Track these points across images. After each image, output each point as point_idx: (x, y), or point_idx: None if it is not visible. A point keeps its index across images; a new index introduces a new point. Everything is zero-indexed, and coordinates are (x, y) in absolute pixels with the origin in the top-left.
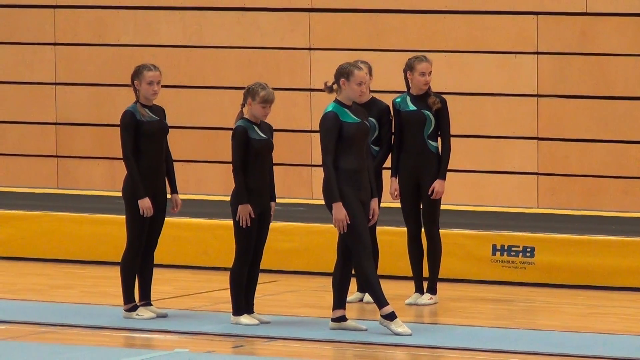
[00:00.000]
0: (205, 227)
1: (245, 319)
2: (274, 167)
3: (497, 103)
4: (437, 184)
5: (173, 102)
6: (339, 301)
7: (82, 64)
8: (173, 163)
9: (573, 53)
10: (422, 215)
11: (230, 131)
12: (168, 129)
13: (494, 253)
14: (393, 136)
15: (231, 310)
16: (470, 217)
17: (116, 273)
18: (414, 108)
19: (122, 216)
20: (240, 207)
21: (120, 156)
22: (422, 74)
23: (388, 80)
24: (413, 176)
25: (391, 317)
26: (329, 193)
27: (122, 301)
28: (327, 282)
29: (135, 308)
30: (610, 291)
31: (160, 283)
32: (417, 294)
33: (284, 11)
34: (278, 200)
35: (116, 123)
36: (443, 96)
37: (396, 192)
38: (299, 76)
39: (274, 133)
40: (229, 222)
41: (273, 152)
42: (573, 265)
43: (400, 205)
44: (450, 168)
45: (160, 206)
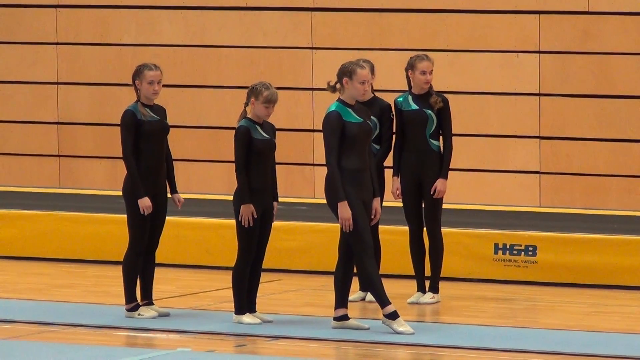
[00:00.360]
0: (207, 227)
1: (247, 318)
2: (277, 167)
3: (499, 102)
4: (439, 183)
5: (175, 102)
6: (341, 300)
7: (84, 64)
8: (173, 163)
9: (575, 52)
10: (424, 214)
11: (232, 130)
12: (169, 129)
13: (496, 252)
14: (395, 135)
15: (233, 309)
16: (472, 216)
17: (118, 272)
18: (416, 107)
19: (124, 215)
20: (242, 207)
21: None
22: (423, 73)
23: (390, 79)
24: (415, 175)
25: (393, 316)
26: (334, 192)
27: (124, 300)
28: (329, 281)
29: (137, 307)
30: (612, 290)
31: (162, 282)
32: (419, 293)
33: (286, 10)
34: (280, 199)
35: (118, 122)
36: (445, 95)
37: (398, 192)
38: (302, 75)
39: (277, 132)
40: (232, 222)
41: (275, 152)
42: (575, 263)
43: (402, 204)
44: (452, 167)
45: (161, 206)
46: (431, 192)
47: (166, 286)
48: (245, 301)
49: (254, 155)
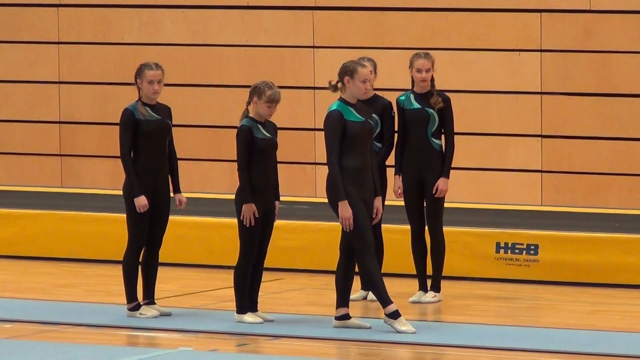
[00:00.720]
0: (209, 226)
1: (249, 317)
2: (278, 166)
3: (501, 101)
4: (441, 182)
5: (177, 101)
6: (342, 299)
7: (86, 63)
8: (177, 162)
9: (577, 50)
10: (426, 213)
11: (234, 129)
12: (170, 128)
13: (498, 251)
14: (396, 134)
15: (235, 308)
16: (473, 215)
17: (119, 271)
18: (418, 106)
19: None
20: (244, 206)
21: None
22: (419, 71)
23: (392, 78)
24: (417, 174)
25: (395, 316)
26: (335, 191)
27: (126, 300)
28: (331, 280)
29: (138, 307)
30: (614, 289)
31: (164, 281)
32: (421, 292)
33: (288, 9)
34: (282, 198)
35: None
36: (447, 94)
37: (400, 190)
38: (303, 74)
39: (278, 131)
40: (234, 221)
41: (277, 151)
42: (577, 262)
43: (404, 203)
44: (453, 166)
45: (163, 205)
46: (433, 191)
47: (168, 285)
48: (246, 300)
49: (256, 154)
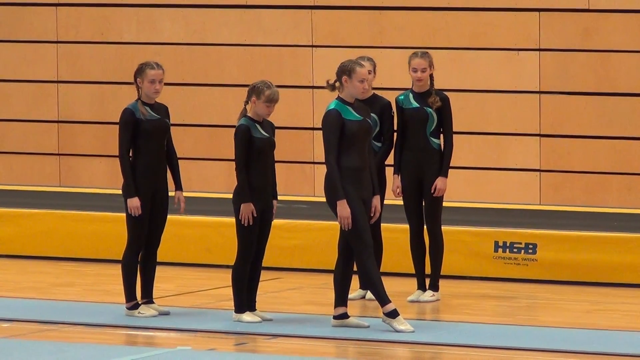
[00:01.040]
0: (207, 225)
1: (247, 317)
2: (276, 165)
3: (500, 100)
4: (440, 182)
5: (176, 100)
6: (341, 298)
7: (85, 62)
8: (178, 161)
9: (576, 50)
10: (425, 212)
11: (233, 129)
12: (169, 128)
13: (496, 250)
14: (395, 133)
15: (233, 307)
16: (472, 214)
17: (118, 271)
18: (417, 105)
19: (124, 214)
20: (242, 206)
21: None
22: (415, 70)
23: (391, 77)
24: (415, 173)
25: (393, 315)
26: (333, 191)
27: (124, 299)
28: (329, 280)
29: (137, 306)
30: (613, 287)
31: (162, 281)
32: (420, 291)
33: (287, 8)
34: (280, 197)
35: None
36: (445, 93)
37: (398, 190)
38: (302, 74)
39: (277, 130)
40: (232, 220)
41: (275, 150)
42: (576, 261)
43: (402, 202)
44: (452, 165)
45: (161, 204)
46: (432, 190)
47: (166, 284)
48: (245, 299)
49: (254, 153)
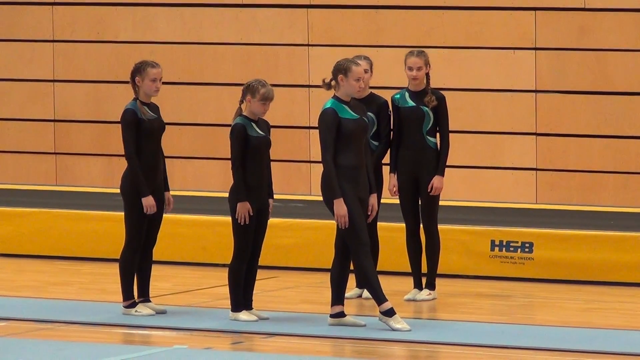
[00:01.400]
0: (204, 224)
1: (243, 315)
2: (273, 164)
3: (496, 99)
4: (436, 180)
5: (172, 99)
6: (337, 297)
7: (81, 61)
8: (165, 161)
9: (571, 49)
10: (421, 211)
11: (229, 127)
12: (165, 127)
13: (493, 248)
14: (392, 132)
15: (230, 306)
16: (468, 213)
17: (114, 270)
18: (413, 104)
19: (121, 213)
20: (239, 205)
21: (118, 153)
22: (410, 69)
23: (387, 76)
24: (412, 172)
25: (390, 313)
26: (330, 189)
27: (121, 298)
28: (326, 278)
29: (134, 305)
30: (609, 286)
31: (159, 279)
32: (416, 290)
33: (283, 7)
34: (277, 196)
35: (114, 120)
36: (442, 92)
37: (395, 189)
38: (298, 72)
39: (273, 129)
40: (228, 219)
41: (271, 148)
42: (572, 260)
43: (399, 201)
44: (448, 164)
45: (159, 203)
46: (428, 189)
47: (162, 283)
48: (241, 298)
49: (250, 152)
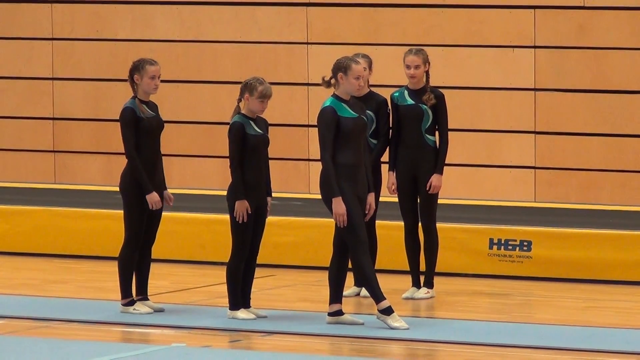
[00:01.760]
0: (202, 222)
1: (242, 314)
2: (271, 162)
3: (495, 97)
4: (435, 179)
5: (170, 97)
6: (335, 295)
7: (79, 59)
8: (162, 159)
9: (570, 47)
10: (419, 209)
11: (227, 126)
12: (164, 125)
13: (491, 247)
14: (391, 130)
15: (228, 304)
16: (467, 211)
17: (113, 268)
18: (412, 102)
19: (119, 211)
20: (237, 203)
21: (117, 151)
22: (408, 67)
23: (386, 74)
24: (410, 170)
25: (388, 312)
26: (328, 188)
27: (119, 296)
28: (324, 277)
29: (132, 303)
30: (607, 285)
31: (157, 278)
32: (414, 288)
33: (282, 6)
34: (275, 194)
35: (113, 118)
36: (441, 90)
37: (393, 187)
38: (297, 71)
39: (271, 127)
40: (226, 217)
41: (270, 147)
42: (570, 259)
43: (397, 199)
44: (447, 162)
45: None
46: (426, 188)
47: (161, 281)
48: (239, 296)
49: (248, 150)
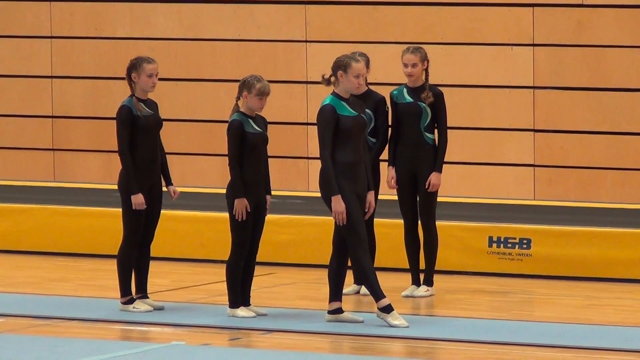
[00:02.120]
0: (201, 220)
1: (241, 312)
2: (271, 160)
3: (494, 95)
4: (433, 177)
5: (169, 95)
6: (335, 293)
7: (79, 57)
8: (166, 156)
9: (569, 45)
10: (419, 207)
11: (226, 124)
12: (162, 123)
13: (491, 245)
14: (390, 127)
15: (227, 302)
16: (466, 209)
17: (112, 266)
18: (410, 100)
19: (119, 209)
20: (236, 201)
21: (116, 149)
22: (405, 66)
23: (385, 72)
24: (410, 168)
25: (388, 310)
26: (328, 186)
27: (119, 294)
28: (324, 275)
29: (132, 301)
30: (607, 283)
31: (156, 276)
32: (414, 286)
33: (281, 4)
34: (274, 192)
35: (113, 116)
36: (440, 88)
37: (393, 180)
38: (296, 69)
39: (270, 125)
40: (226, 215)
41: (269, 145)
42: (570, 256)
43: (397, 197)
44: (446, 160)
45: (157, 199)
46: (425, 186)
47: (160, 280)
48: (239, 294)
49: (247, 148)
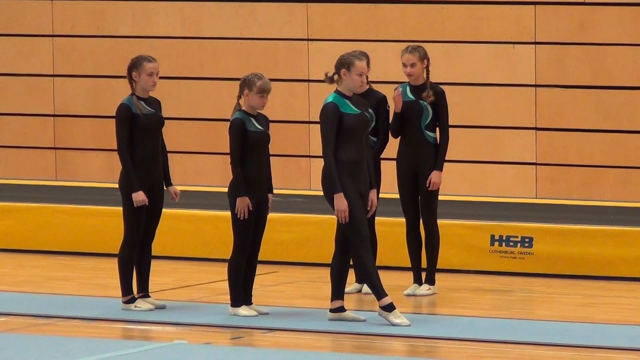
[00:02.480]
0: (203, 219)
1: (243, 311)
2: (273, 158)
3: (495, 93)
4: (434, 175)
5: (171, 94)
6: (337, 292)
7: (80, 56)
8: (167, 155)
9: (571, 43)
10: (420, 205)
11: (228, 122)
12: (164, 121)
13: (492, 243)
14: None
15: (229, 301)
16: (468, 208)
17: (114, 265)
18: (412, 98)
19: (120, 208)
20: (238, 200)
21: None
22: (404, 65)
23: (386, 70)
24: (411, 166)
25: (389, 308)
26: (330, 184)
27: (120, 293)
28: (326, 273)
29: (133, 300)
30: (608, 281)
31: (158, 274)
32: (416, 285)
33: (282, 2)
34: (277, 191)
35: (114, 115)
36: (441, 87)
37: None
38: (297, 67)
39: (272, 124)
40: (228, 214)
41: (271, 143)
42: (571, 255)
43: (398, 196)
44: (448, 158)
45: (157, 198)
46: (426, 184)
47: (162, 278)
48: (241, 293)
49: (249, 147)
